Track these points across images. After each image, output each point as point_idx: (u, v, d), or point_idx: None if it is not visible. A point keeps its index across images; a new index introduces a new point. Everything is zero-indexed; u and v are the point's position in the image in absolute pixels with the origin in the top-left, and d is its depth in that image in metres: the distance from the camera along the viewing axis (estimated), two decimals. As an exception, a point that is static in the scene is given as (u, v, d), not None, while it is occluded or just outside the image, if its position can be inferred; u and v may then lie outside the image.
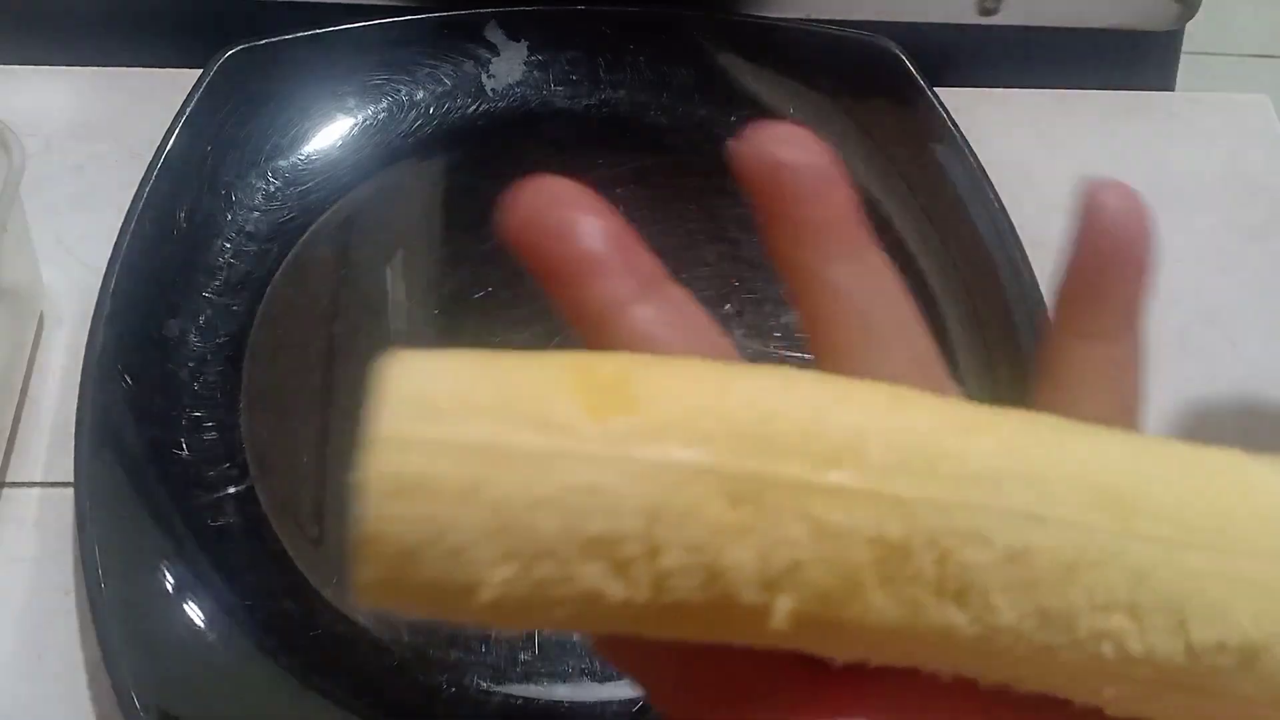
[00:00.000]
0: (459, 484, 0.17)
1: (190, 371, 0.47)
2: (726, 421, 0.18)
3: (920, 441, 0.18)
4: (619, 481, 0.17)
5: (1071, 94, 0.62)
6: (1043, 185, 0.57)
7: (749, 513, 0.18)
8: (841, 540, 0.18)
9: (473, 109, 0.56)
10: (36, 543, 0.44)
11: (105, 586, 0.40)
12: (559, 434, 0.18)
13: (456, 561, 0.17)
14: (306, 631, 0.42)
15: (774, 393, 0.19)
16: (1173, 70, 0.64)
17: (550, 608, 0.18)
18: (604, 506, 0.17)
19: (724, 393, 0.19)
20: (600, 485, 0.17)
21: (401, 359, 0.19)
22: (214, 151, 0.52)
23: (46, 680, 0.42)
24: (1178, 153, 0.60)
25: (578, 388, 0.18)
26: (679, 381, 0.19)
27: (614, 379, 0.19)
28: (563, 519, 0.17)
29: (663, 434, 0.18)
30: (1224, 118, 0.62)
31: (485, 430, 0.18)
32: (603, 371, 0.19)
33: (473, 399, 0.18)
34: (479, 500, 0.17)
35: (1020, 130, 0.60)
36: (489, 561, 0.17)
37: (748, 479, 0.18)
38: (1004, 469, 0.18)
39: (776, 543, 0.18)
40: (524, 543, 0.17)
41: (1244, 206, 0.59)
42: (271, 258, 0.51)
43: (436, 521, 0.17)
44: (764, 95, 0.57)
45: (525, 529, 0.17)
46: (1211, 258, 0.57)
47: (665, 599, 0.18)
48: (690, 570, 0.18)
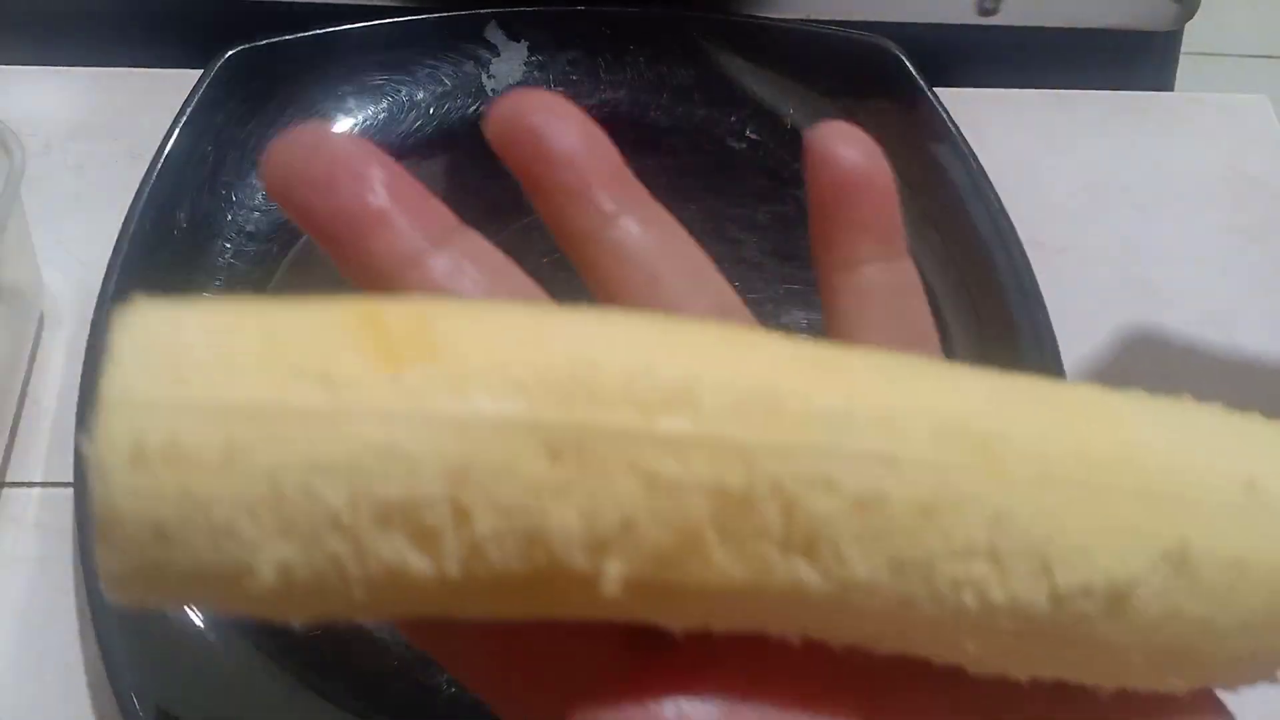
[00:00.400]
0: (218, 450, 0.15)
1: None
2: (541, 368, 0.16)
3: (758, 383, 0.16)
4: (416, 439, 0.15)
5: (1071, 94, 0.62)
6: (1042, 185, 0.57)
7: (571, 468, 0.15)
8: (676, 493, 0.16)
9: (473, 109, 0.56)
10: (36, 543, 0.44)
11: (105, 586, 0.40)
12: (341, 388, 0.15)
13: (222, 542, 0.15)
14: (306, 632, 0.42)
15: (594, 336, 0.17)
16: (1172, 71, 0.64)
17: (343, 592, 0.15)
18: (399, 469, 0.15)
19: (538, 337, 0.16)
20: (393, 445, 0.15)
21: (141, 307, 0.16)
22: (214, 152, 0.52)
23: (46, 680, 0.42)
24: (1177, 153, 0.60)
25: (364, 336, 0.16)
26: (484, 326, 0.16)
27: (407, 325, 0.16)
28: (350, 485, 0.15)
29: (466, 384, 0.15)
30: (1223, 118, 0.62)
31: (249, 387, 0.15)
32: (393, 316, 0.16)
33: (233, 351, 0.15)
34: (245, 468, 0.15)
35: (1020, 130, 0.60)
36: (262, 540, 0.15)
37: (568, 430, 0.15)
38: (850, 409, 0.16)
39: (604, 500, 0.15)
40: (304, 515, 0.15)
41: (1243, 207, 0.59)
42: (271, 258, 0.51)
43: (192, 496, 0.15)
44: (764, 95, 0.57)
45: (305, 499, 0.15)
46: (1211, 258, 0.57)
47: (479, 572, 0.15)
48: (507, 537, 0.15)
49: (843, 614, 0.17)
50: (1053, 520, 0.16)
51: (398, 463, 0.15)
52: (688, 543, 0.16)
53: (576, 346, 0.16)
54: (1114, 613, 0.17)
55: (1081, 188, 0.58)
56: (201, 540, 0.15)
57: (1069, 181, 0.58)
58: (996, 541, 0.16)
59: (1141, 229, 0.57)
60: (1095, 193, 0.58)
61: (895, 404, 0.17)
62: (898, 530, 0.16)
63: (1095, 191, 0.58)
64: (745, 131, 0.56)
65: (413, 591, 0.16)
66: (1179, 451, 0.18)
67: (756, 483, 0.16)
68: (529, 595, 0.16)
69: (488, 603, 0.16)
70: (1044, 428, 0.17)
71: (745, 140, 0.56)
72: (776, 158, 0.55)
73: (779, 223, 0.53)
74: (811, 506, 0.16)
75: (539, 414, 0.15)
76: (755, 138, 0.56)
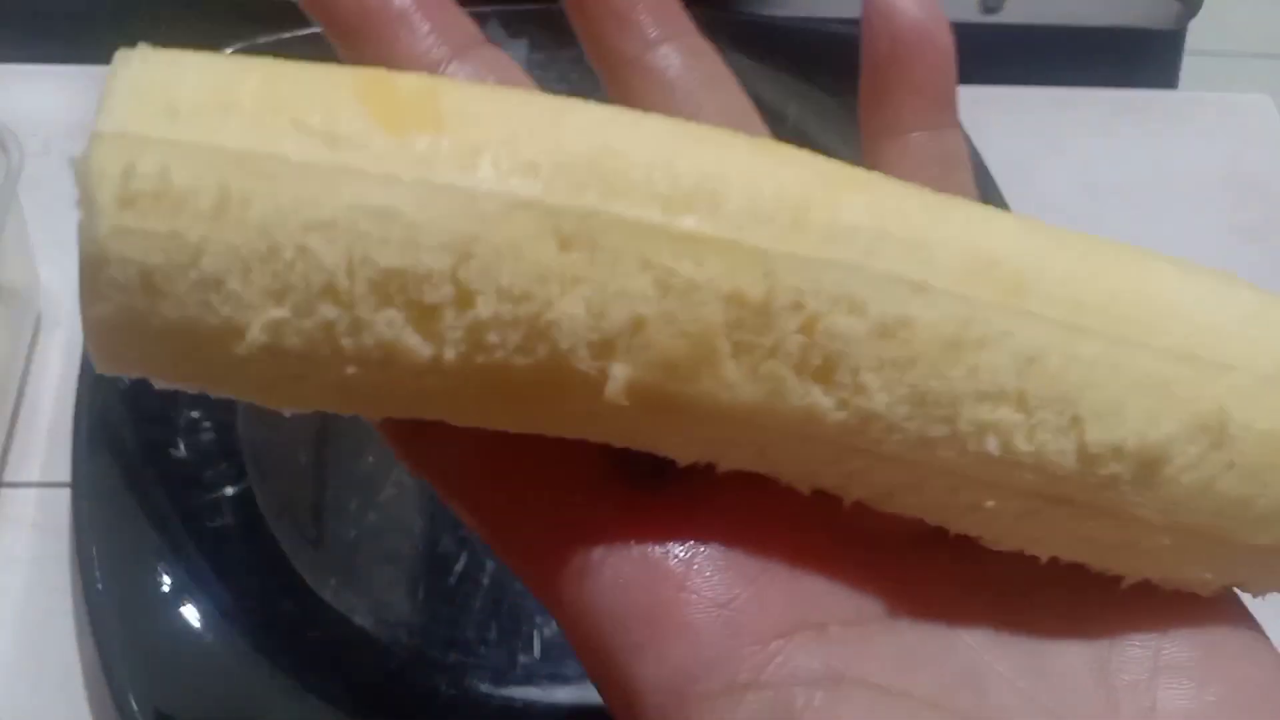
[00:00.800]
0: (211, 195, 0.14)
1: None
2: (556, 149, 0.15)
3: (786, 191, 0.15)
4: (421, 207, 0.14)
5: (1073, 92, 0.62)
6: (1044, 183, 0.57)
7: (582, 258, 0.14)
8: (691, 296, 0.15)
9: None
10: (34, 543, 0.44)
11: (102, 587, 0.40)
12: (344, 146, 0.14)
13: (211, 296, 0.14)
14: (304, 633, 0.42)
15: (615, 127, 0.16)
16: (1175, 69, 0.64)
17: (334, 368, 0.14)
18: (400, 236, 0.14)
19: (556, 122, 0.15)
20: (396, 209, 0.14)
21: (140, 50, 0.15)
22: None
23: (43, 681, 0.42)
24: (1179, 152, 0.60)
25: (371, 98, 0.15)
26: (498, 105, 0.15)
27: (418, 94, 0.15)
28: (348, 247, 0.14)
29: (476, 155, 0.14)
30: (1226, 117, 0.62)
31: (250, 133, 0.14)
32: (403, 84, 0.15)
33: (233, 98, 0.14)
34: (240, 217, 0.14)
35: (1022, 128, 0.60)
36: (253, 297, 0.14)
37: (582, 217, 0.14)
38: (881, 229, 0.15)
39: (615, 295, 0.14)
40: (299, 275, 0.14)
41: (1246, 206, 0.59)
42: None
43: (182, 241, 0.14)
44: (765, 93, 0.56)
45: (300, 257, 0.14)
46: (1213, 257, 0.56)
47: (478, 360, 0.14)
48: (509, 323, 0.14)
49: (856, 454, 0.16)
50: (1086, 371, 0.15)
51: (399, 229, 0.14)
52: (699, 351, 0.15)
53: (596, 135, 0.15)
54: (1145, 480, 0.16)
55: (1083, 186, 0.58)
56: (190, 292, 0.14)
57: (1071, 179, 0.58)
58: (1025, 386, 0.15)
59: (1143, 227, 0.57)
60: (1097, 191, 0.58)
61: (928, 231, 0.16)
62: (922, 362, 0.15)
63: (1097, 190, 0.58)
64: (746, 130, 0.56)
65: (407, 378, 0.15)
66: (1220, 319, 0.17)
67: (776, 294, 0.15)
68: (527, 395, 0.15)
69: (483, 402, 0.15)
70: (1082, 274, 0.16)
71: (746, 139, 0.56)
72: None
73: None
74: (832, 326, 0.15)
75: (551, 196, 0.14)
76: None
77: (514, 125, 0.15)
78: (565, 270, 0.14)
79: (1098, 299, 0.16)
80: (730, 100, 0.20)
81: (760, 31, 0.57)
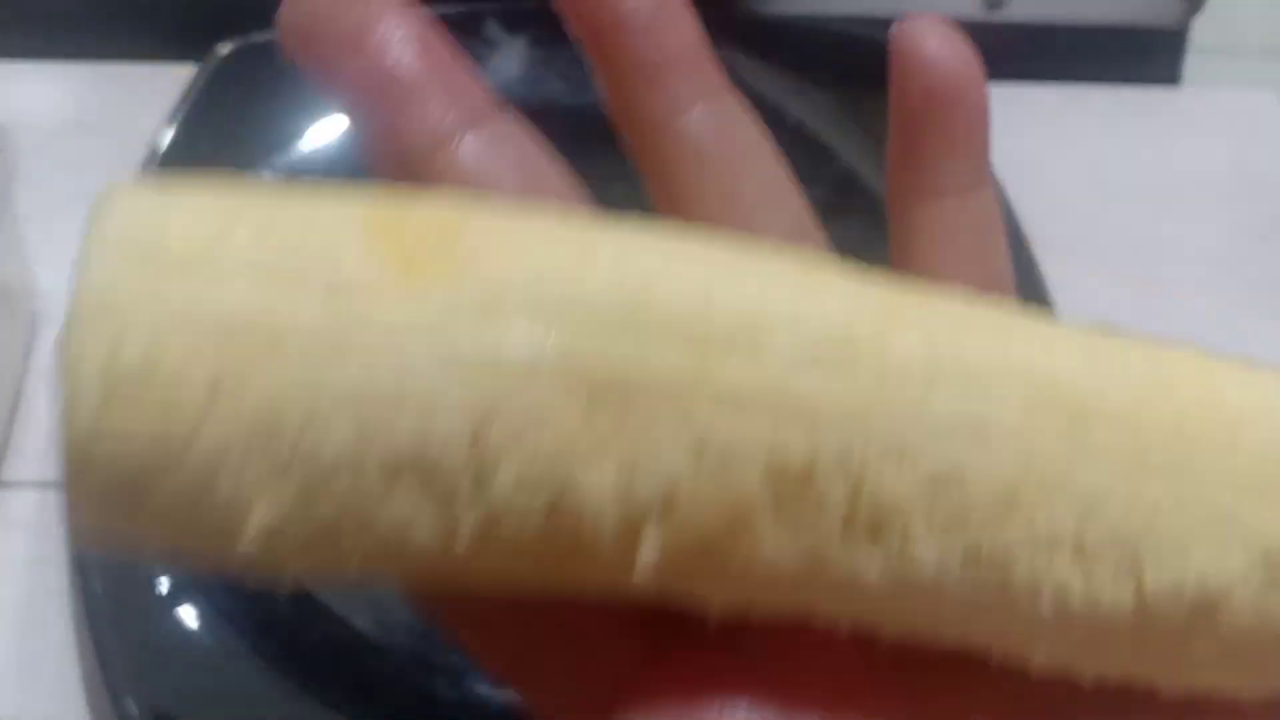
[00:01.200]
0: (207, 375, 0.13)
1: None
2: (584, 291, 0.14)
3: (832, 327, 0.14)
4: (434, 374, 0.13)
5: (1078, 90, 0.61)
6: (1049, 181, 0.57)
7: (611, 421, 0.13)
8: (729, 459, 0.13)
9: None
10: (31, 544, 0.44)
11: (100, 588, 0.40)
12: (352, 298, 0.13)
13: (211, 478, 0.13)
14: (303, 635, 0.41)
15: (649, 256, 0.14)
16: (1179, 66, 0.64)
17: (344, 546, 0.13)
18: (416, 406, 0.13)
19: (583, 255, 0.14)
20: (407, 380, 0.13)
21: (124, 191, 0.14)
22: (210, 148, 0.52)
23: (41, 683, 0.41)
24: (1184, 149, 0.60)
25: (381, 237, 0.13)
26: (520, 239, 0.14)
27: (433, 227, 0.14)
28: (359, 422, 0.13)
29: (498, 307, 0.13)
30: (1231, 114, 0.62)
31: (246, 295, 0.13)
32: (418, 217, 0.14)
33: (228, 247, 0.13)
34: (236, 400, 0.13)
35: (1026, 126, 0.59)
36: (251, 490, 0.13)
37: (610, 372, 0.13)
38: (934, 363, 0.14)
39: (646, 463, 0.13)
40: (304, 455, 0.13)
41: (1251, 203, 0.58)
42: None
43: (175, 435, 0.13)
44: (766, 92, 0.56)
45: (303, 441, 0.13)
46: (1219, 255, 0.56)
47: (498, 533, 0.13)
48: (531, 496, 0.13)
49: (902, 603, 0.15)
50: (1149, 512, 0.14)
51: (411, 402, 0.13)
52: (738, 519, 0.14)
53: (627, 269, 0.14)
54: (1203, 622, 0.15)
55: (1089, 184, 0.58)
56: (182, 489, 0.13)
57: (1076, 178, 0.58)
58: (1085, 532, 0.14)
59: (1149, 226, 0.57)
60: (1102, 189, 0.58)
61: (984, 359, 0.14)
62: (977, 517, 0.14)
63: (1102, 188, 0.58)
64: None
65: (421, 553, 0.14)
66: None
67: (821, 451, 0.14)
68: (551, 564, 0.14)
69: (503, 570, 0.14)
70: (1141, 396, 0.15)
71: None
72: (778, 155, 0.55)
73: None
74: (880, 483, 0.14)
75: (579, 351, 0.13)
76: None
77: (540, 263, 0.14)
78: (592, 436, 0.13)
79: (1161, 424, 0.15)
80: (767, 173, 0.19)
81: (761, 28, 0.57)
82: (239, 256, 0.13)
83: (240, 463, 0.13)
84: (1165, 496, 0.14)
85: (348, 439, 0.13)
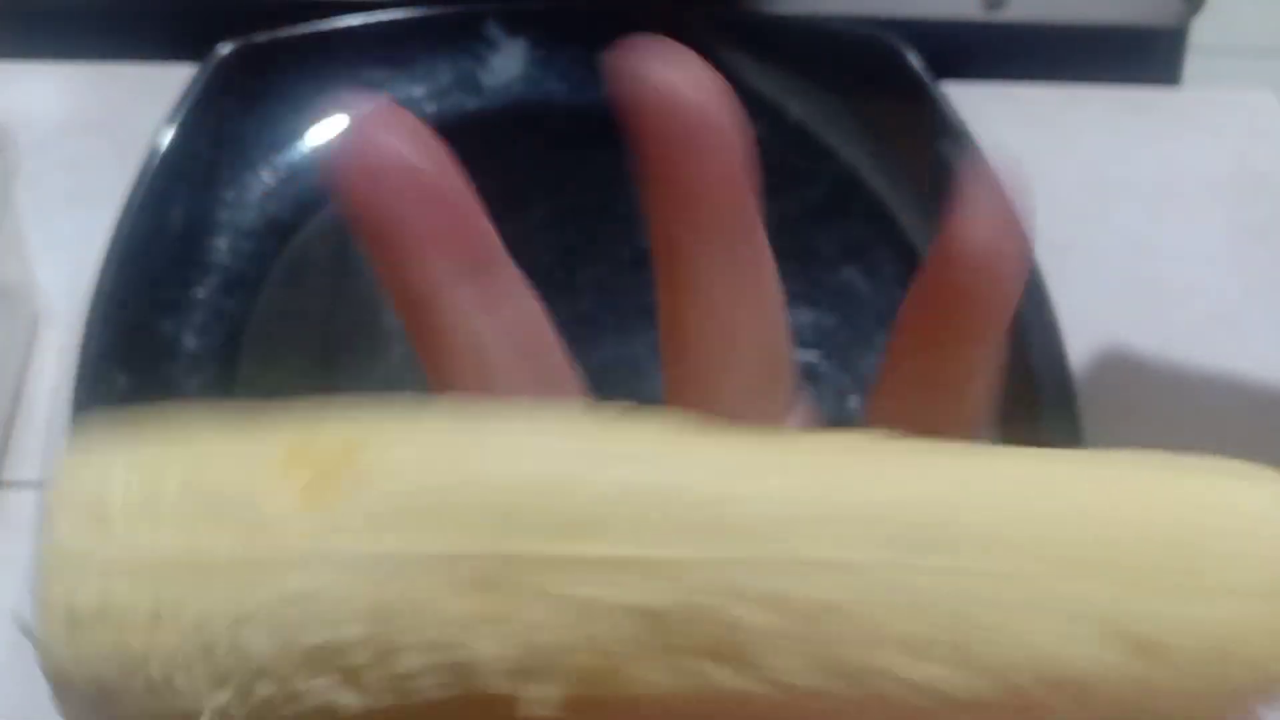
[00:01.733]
0: (148, 606, 0.16)
1: (185, 370, 0.47)
2: (462, 494, 0.16)
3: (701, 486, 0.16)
4: (336, 583, 0.15)
5: (1077, 90, 0.61)
6: (1048, 181, 0.57)
7: (494, 599, 0.16)
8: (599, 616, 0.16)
9: (471, 106, 0.55)
10: (31, 544, 0.44)
11: (99, 590, 0.40)
12: (263, 532, 0.16)
13: (163, 693, 0.16)
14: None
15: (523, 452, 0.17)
16: (1179, 66, 0.64)
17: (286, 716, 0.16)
18: (321, 614, 0.15)
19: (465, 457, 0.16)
20: (314, 590, 0.15)
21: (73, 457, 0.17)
22: (210, 148, 0.52)
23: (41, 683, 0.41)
24: (1184, 149, 0.60)
25: (292, 467, 0.16)
26: (414, 448, 0.16)
27: (335, 452, 0.16)
28: (275, 634, 0.15)
29: (385, 520, 0.16)
30: (1231, 114, 0.62)
31: (175, 537, 0.16)
32: (323, 443, 0.16)
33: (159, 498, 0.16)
34: (174, 624, 0.16)
35: (1026, 126, 0.59)
36: (199, 689, 0.16)
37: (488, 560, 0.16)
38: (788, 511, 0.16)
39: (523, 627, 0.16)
40: (235, 664, 0.16)
41: (1251, 204, 0.58)
42: (268, 256, 0.50)
43: (130, 652, 0.16)
44: (767, 91, 0.56)
45: (233, 650, 0.16)
46: (1219, 255, 0.56)
47: (411, 700, 0.16)
48: (434, 670, 0.16)
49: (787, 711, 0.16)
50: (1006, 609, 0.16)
51: (319, 608, 0.15)
52: (616, 662, 0.16)
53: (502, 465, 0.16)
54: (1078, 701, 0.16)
55: (1088, 184, 0.58)
56: (144, 694, 0.16)
57: (1075, 178, 0.58)
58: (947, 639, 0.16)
59: (1148, 226, 0.57)
60: (1102, 189, 0.58)
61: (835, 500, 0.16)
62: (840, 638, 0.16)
63: (1102, 188, 0.58)
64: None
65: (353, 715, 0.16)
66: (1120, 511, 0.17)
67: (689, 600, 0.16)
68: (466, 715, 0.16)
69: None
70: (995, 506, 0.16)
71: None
72: (779, 155, 0.55)
73: (781, 221, 0.53)
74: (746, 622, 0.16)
75: (458, 547, 0.16)
76: (758, 134, 0.55)
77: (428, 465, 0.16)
78: (479, 613, 0.16)
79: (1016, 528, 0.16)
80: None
81: (761, 28, 0.57)
82: (169, 506, 0.16)
83: (185, 670, 0.16)
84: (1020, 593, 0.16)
85: (270, 646, 0.15)
